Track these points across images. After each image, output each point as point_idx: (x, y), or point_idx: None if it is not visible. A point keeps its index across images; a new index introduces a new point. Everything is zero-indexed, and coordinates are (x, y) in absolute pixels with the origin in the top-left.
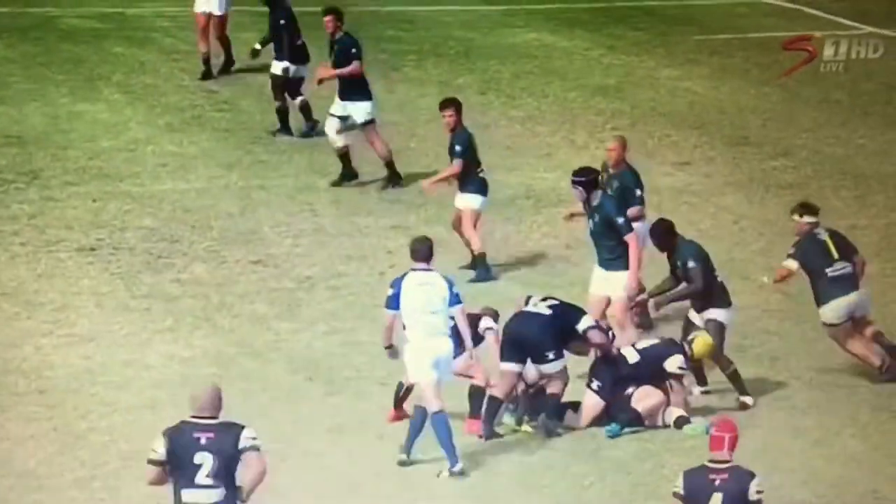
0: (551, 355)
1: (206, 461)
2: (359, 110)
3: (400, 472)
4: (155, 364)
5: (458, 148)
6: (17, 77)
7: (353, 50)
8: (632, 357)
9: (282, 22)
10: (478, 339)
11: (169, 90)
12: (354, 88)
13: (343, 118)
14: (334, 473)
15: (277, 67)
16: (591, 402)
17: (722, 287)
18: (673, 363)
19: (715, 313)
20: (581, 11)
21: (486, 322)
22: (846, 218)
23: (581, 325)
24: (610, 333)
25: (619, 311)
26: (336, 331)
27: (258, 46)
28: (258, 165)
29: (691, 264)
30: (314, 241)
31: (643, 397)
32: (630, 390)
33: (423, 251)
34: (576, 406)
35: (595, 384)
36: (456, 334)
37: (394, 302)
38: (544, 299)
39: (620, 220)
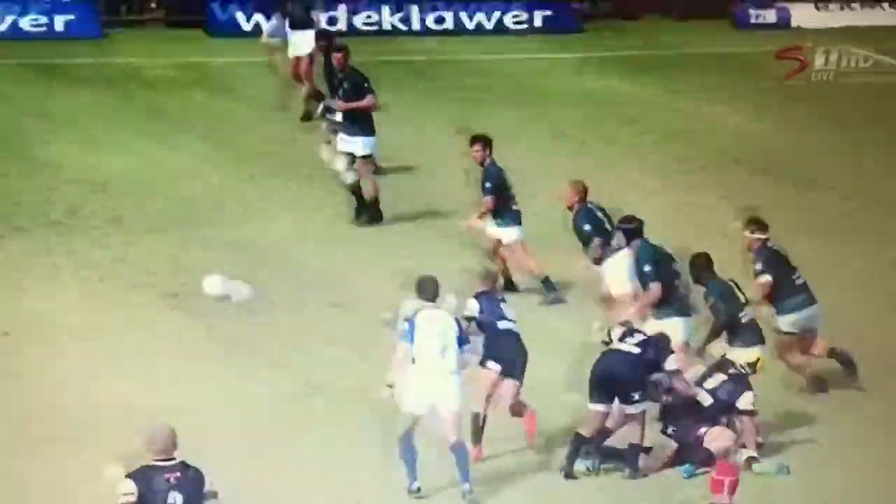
0: (637, 396)
1: (177, 500)
2: (360, 144)
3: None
4: (236, 406)
5: (487, 184)
6: (101, 126)
7: (366, 84)
8: (706, 400)
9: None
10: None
11: (249, 138)
12: (360, 123)
13: (350, 154)
14: None
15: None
16: (668, 447)
17: (752, 323)
18: (745, 401)
19: (738, 353)
20: (650, 59)
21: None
22: None
23: (668, 366)
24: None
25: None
26: None
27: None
28: (339, 210)
29: (714, 301)
30: (393, 284)
31: (715, 437)
32: (702, 430)
33: (430, 289)
34: (648, 450)
35: (671, 430)
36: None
37: (409, 335)
38: (630, 333)
39: (647, 268)
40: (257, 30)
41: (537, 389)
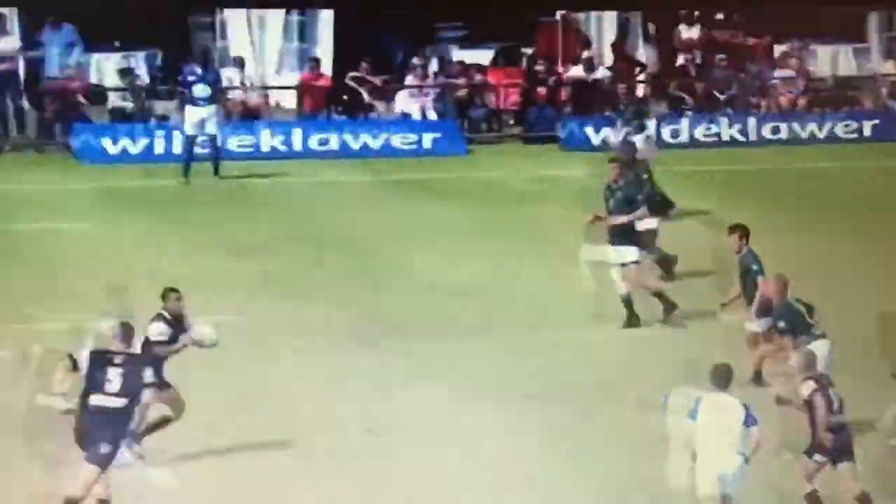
0: None
1: None
2: (630, 253)
3: None
4: None
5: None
6: (466, 235)
7: (639, 196)
8: None
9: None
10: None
11: None
12: (628, 234)
13: (623, 264)
14: None
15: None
16: None
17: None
18: None
19: None
20: None
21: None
22: None
23: None
24: None
25: None
26: None
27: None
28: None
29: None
30: None
31: None
32: None
33: (723, 377)
34: None
35: None
36: None
37: (693, 415)
38: None
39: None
40: (605, 144)
41: None
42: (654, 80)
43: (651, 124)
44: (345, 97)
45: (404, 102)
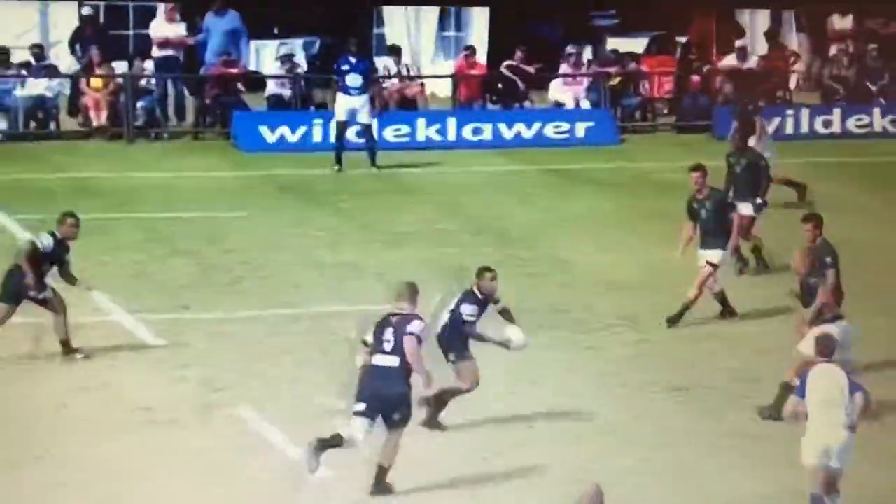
0: None
1: None
2: (716, 255)
3: None
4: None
5: (828, 260)
6: (617, 225)
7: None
8: None
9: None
10: None
11: None
12: (717, 238)
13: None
14: None
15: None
16: None
17: None
18: None
19: None
20: None
21: None
22: None
23: None
24: None
25: None
26: None
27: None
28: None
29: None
30: None
31: None
32: None
33: (829, 347)
34: None
35: None
36: None
37: (799, 391)
38: None
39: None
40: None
41: None
42: (807, 70)
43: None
44: (500, 86)
45: (558, 91)
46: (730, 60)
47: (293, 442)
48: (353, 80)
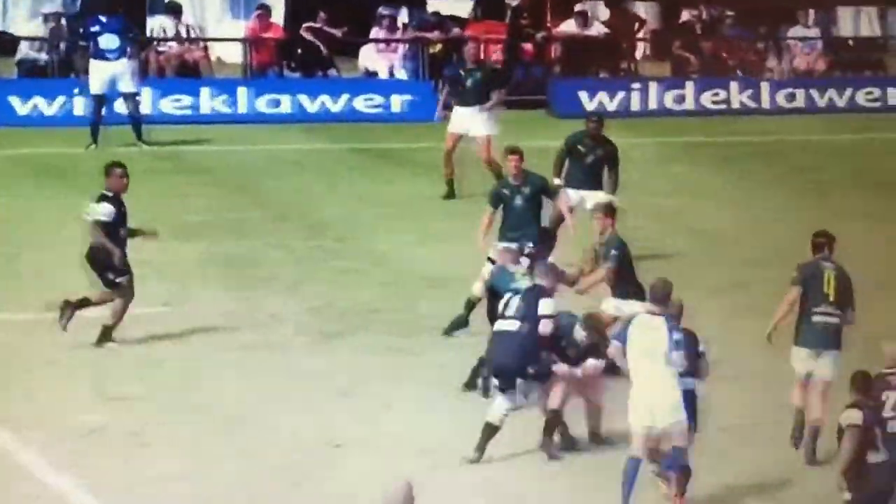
0: None
1: None
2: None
3: None
4: None
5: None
6: (435, 214)
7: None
8: None
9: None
10: None
11: None
12: (529, 228)
13: None
14: None
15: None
16: None
17: None
18: None
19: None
20: None
21: None
22: None
23: None
24: None
25: None
26: None
27: None
28: None
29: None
30: None
31: None
32: None
33: (659, 292)
34: None
35: None
36: None
37: (620, 336)
38: None
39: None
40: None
41: None
42: (654, 38)
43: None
44: (299, 52)
45: (369, 59)
46: (568, 26)
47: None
48: (108, 41)
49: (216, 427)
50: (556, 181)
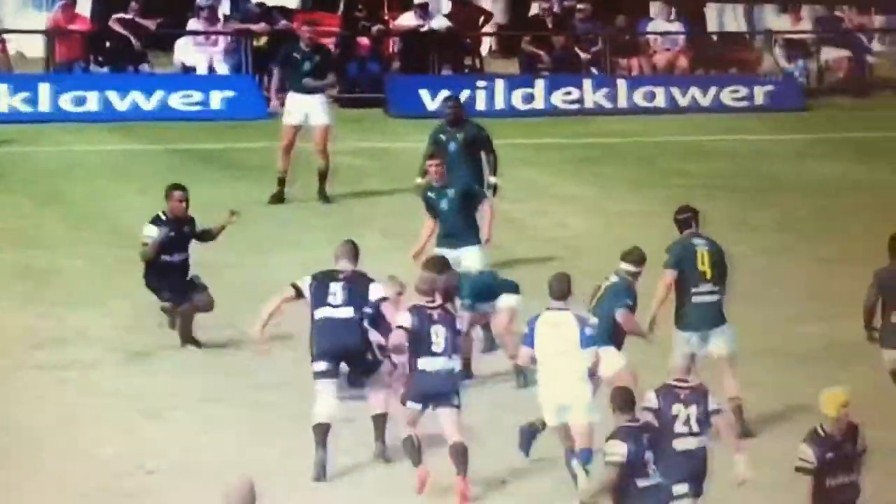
0: None
1: None
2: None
3: None
4: None
5: None
6: (271, 220)
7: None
8: None
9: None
10: None
11: None
12: (467, 233)
13: None
14: None
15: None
16: None
17: None
18: None
19: None
20: (885, 141)
21: None
22: None
23: None
24: None
25: None
26: None
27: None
28: None
29: None
30: None
31: None
32: None
33: (558, 287)
34: None
35: None
36: None
37: (527, 339)
38: None
39: None
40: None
41: None
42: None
43: None
44: (108, 45)
45: (186, 53)
46: (407, 19)
47: None
48: None
49: (16, 452)
50: (418, 181)
